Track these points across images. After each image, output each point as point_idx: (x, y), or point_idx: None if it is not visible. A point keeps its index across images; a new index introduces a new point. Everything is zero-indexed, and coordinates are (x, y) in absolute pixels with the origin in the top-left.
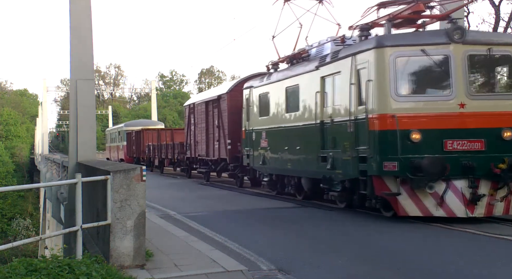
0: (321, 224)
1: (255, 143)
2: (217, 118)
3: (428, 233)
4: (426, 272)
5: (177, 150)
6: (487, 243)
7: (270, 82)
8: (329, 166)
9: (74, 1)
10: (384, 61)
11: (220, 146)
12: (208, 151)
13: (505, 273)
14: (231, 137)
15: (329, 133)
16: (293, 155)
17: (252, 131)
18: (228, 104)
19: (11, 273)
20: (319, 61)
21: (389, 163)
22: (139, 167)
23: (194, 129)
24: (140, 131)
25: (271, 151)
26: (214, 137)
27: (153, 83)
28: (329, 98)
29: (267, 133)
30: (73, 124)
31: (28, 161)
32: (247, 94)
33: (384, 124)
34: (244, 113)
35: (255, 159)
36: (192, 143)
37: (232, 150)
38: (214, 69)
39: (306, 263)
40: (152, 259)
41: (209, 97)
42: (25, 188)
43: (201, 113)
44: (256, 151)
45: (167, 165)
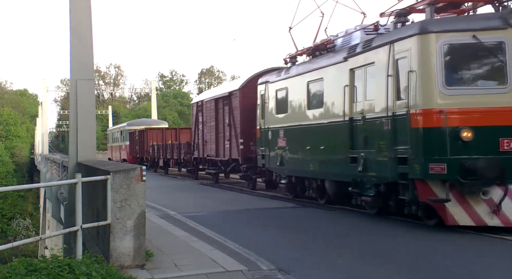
0: (321, 224)
1: (271, 142)
2: (228, 116)
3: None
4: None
5: (184, 149)
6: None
7: (289, 77)
8: (360, 167)
9: (74, 1)
10: (430, 49)
11: (232, 145)
12: (218, 151)
13: None
14: (243, 136)
15: (360, 131)
16: (316, 155)
17: (268, 130)
18: (240, 101)
19: (11, 273)
20: (347, 51)
21: (436, 165)
22: (139, 167)
23: (203, 128)
24: (144, 131)
25: (290, 151)
26: (225, 137)
27: (153, 83)
28: (359, 93)
29: (286, 132)
30: (73, 124)
31: (28, 161)
32: (262, 90)
33: (430, 121)
34: (259, 110)
35: (272, 160)
36: (200, 143)
37: (245, 150)
38: (214, 69)
39: (306, 263)
40: (152, 259)
41: (219, 94)
42: (25, 188)
43: (211, 111)
44: (273, 151)
45: (172, 165)
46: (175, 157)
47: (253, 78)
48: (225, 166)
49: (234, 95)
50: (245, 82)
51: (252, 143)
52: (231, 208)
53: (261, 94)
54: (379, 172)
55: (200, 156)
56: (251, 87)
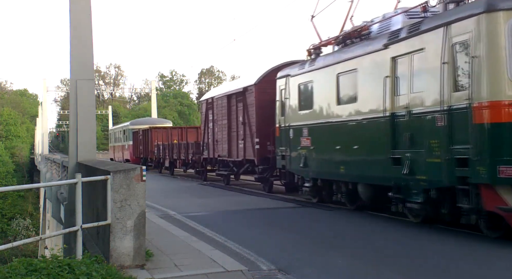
0: (321, 224)
1: (293, 141)
2: (242, 114)
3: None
4: None
5: (192, 149)
6: None
7: (315, 69)
8: (405, 170)
9: (74, 1)
10: (498, 30)
11: (246, 145)
12: (231, 151)
13: None
14: (259, 135)
15: (404, 128)
16: (348, 156)
17: (289, 128)
18: (256, 98)
19: (11, 273)
20: (388, 38)
21: (507, 168)
22: (139, 167)
23: (213, 127)
24: (148, 130)
25: (316, 151)
26: (238, 136)
27: (153, 83)
28: (403, 85)
29: (310, 130)
30: (73, 124)
31: (28, 161)
32: (282, 85)
33: (498, 115)
34: (278, 107)
35: (293, 161)
36: (210, 142)
37: (261, 150)
38: (214, 69)
39: (306, 263)
40: (152, 259)
41: (232, 90)
42: (25, 188)
43: (222, 109)
44: (295, 151)
45: (179, 166)
46: (182, 157)
47: (270, 72)
48: (237, 167)
49: (249, 91)
50: (262, 77)
51: (269, 142)
52: (231, 208)
53: (280, 89)
54: (429, 175)
55: (210, 156)
56: (268, 82)
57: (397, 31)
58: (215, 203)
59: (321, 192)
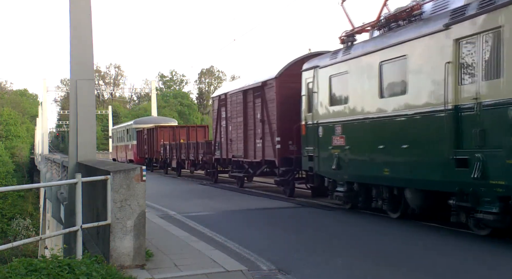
0: (321, 224)
1: (322, 140)
2: (261, 110)
3: None
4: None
5: (203, 149)
6: None
7: (350, 58)
8: (476, 173)
9: (74, 1)
10: None
11: (265, 144)
12: (247, 151)
13: None
14: (280, 134)
15: (473, 124)
16: (394, 156)
17: (318, 126)
18: (277, 93)
19: (11, 273)
20: (450, 16)
21: None
22: (139, 167)
23: (226, 125)
24: (154, 129)
25: (352, 151)
26: (256, 135)
27: (153, 83)
28: (470, 72)
29: (345, 128)
30: (73, 124)
31: (28, 161)
32: (309, 78)
33: None
34: (304, 102)
35: (323, 162)
36: (223, 142)
37: (282, 150)
38: (214, 69)
39: (306, 263)
40: (152, 259)
41: (248, 85)
42: (25, 188)
43: (237, 105)
44: (325, 152)
45: (188, 167)
46: (192, 157)
47: (293, 64)
48: (253, 168)
49: (268, 86)
50: (283, 70)
51: (291, 141)
52: (231, 207)
53: (307, 82)
54: (510, 180)
55: (223, 157)
56: (290, 76)
57: (462, 8)
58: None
59: (357, 198)
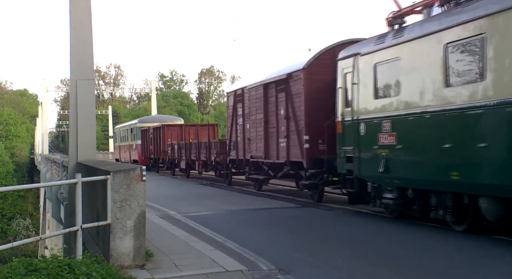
0: (321, 224)
1: (365, 139)
2: (285, 106)
3: None
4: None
5: (216, 149)
6: None
7: (403, 41)
8: None
9: (74, 1)
10: None
11: (290, 144)
12: (268, 151)
13: None
14: (309, 131)
15: None
16: (466, 157)
17: (359, 122)
18: (305, 85)
19: (11, 273)
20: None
21: None
22: (139, 167)
23: (244, 123)
24: (160, 128)
25: (405, 151)
26: (279, 133)
27: (153, 83)
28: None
29: (395, 124)
30: (73, 124)
31: (28, 161)
32: (346, 67)
33: None
34: (340, 95)
35: (365, 164)
36: (239, 141)
37: (311, 150)
38: (214, 69)
39: (306, 263)
40: (152, 259)
41: (271, 78)
42: (25, 188)
43: (257, 101)
44: (368, 152)
45: (199, 168)
46: (203, 158)
47: (323, 54)
48: (274, 170)
49: (294, 78)
50: (312, 59)
51: (321, 140)
52: (231, 208)
53: (344, 73)
54: None
55: (239, 157)
56: (320, 66)
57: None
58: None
59: (411, 206)
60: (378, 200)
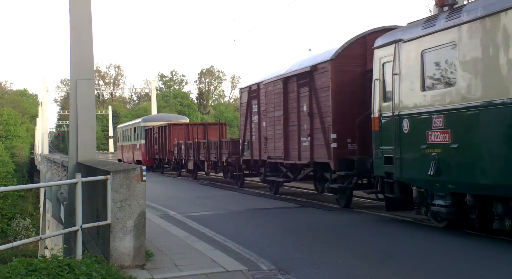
0: (320, 223)
1: (409, 137)
2: (308, 101)
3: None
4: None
5: (227, 149)
6: None
7: (461, 23)
8: None
9: (74, 1)
10: None
11: (314, 143)
12: (288, 151)
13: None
14: (337, 129)
15: None
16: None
17: (402, 118)
18: (332, 78)
19: (11, 273)
20: None
21: None
22: (139, 167)
23: (259, 121)
24: (166, 127)
25: (463, 151)
26: (301, 131)
27: (153, 83)
28: None
29: (451, 119)
30: (73, 124)
31: (28, 161)
32: (385, 56)
33: None
34: (378, 88)
35: (410, 166)
36: (254, 140)
37: (339, 150)
38: (214, 69)
39: (306, 263)
40: (152, 259)
41: (292, 71)
42: (25, 188)
43: (275, 97)
44: (414, 152)
45: (209, 169)
46: (213, 158)
47: (353, 43)
48: (293, 172)
49: (320, 71)
50: (341, 50)
51: (350, 139)
52: (231, 208)
53: (382, 63)
54: None
55: (254, 158)
56: (350, 57)
57: None
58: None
59: (468, 214)
60: (423, 207)
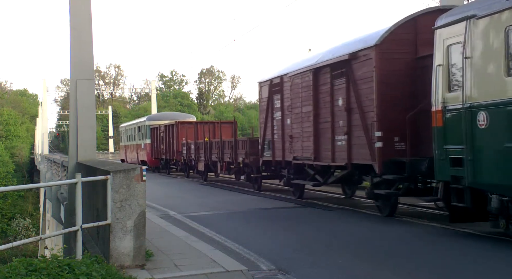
0: (321, 224)
1: (487, 133)
2: (345, 94)
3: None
4: None
5: (244, 149)
6: None
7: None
8: None
9: (74, 1)
10: None
11: (352, 142)
12: (319, 151)
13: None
14: (382, 126)
15: None
16: None
17: (477, 111)
18: (377, 67)
19: (11, 273)
20: None
21: None
22: (139, 167)
23: (283, 118)
24: (174, 126)
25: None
26: (335, 129)
27: (153, 83)
28: None
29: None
30: (73, 124)
31: (28, 161)
32: (451, 37)
33: None
34: (441, 75)
35: (487, 168)
36: (276, 139)
37: (385, 150)
38: (214, 69)
39: (306, 263)
40: (152, 259)
41: (324, 61)
42: (25, 188)
43: (303, 90)
44: (493, 151)
45: (223, 170)
46: (227, 159)
47: (402, 27)
48: (323, 175)
49: (361, 59)
50: (387, 34)
51: (397, 137)
52: (231, 208)
53: (447, 45)
54: None
55: (276, 158)
56: (397, 43)
57: None
58: (221, 204)
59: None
60: (502, 219)
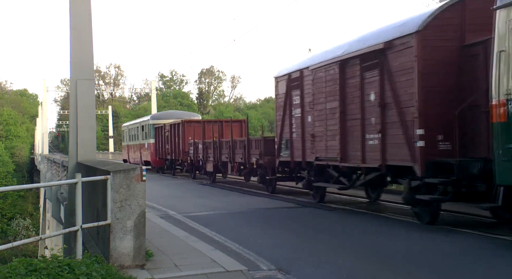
0: (321, 224)
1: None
2: (379, 88)
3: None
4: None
5: (258, 149)
6: None
7: None
8: None
9: (74, 1)
10: None
11: (387, 141)
12: (346, 151)
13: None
14: (425, 123)
15: None
16: None
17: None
18: (420, 57)
19: (11, 273)
20: None
21: None
22: (139, 167)
23: (303, 115)
24: (179, 125)
25: None
26: (366, 126)
27: (153, 83)
28: None
29: None
30: (73, 124)
31: (28, 161)
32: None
33: None
34: (504, 63)
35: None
36: (295, 138)
37: (428, 149)
38: (214, 69)
39: (306, 263)
40: (152, 259)
41: (354, 51)
42: (25, 188)
43: (327, 84)
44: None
45: (235, 171)
46: (239, 159)
47: (447, 10)
48: (350, 177)
49: (398, 48)
50: (430, 18)
51: (441, 136)
52: (231, 208)
53: (510, 27)
54: None
55: (295, 159)
56: (442, 29)
57: None
58: (220, 205)
59: None
60: None
